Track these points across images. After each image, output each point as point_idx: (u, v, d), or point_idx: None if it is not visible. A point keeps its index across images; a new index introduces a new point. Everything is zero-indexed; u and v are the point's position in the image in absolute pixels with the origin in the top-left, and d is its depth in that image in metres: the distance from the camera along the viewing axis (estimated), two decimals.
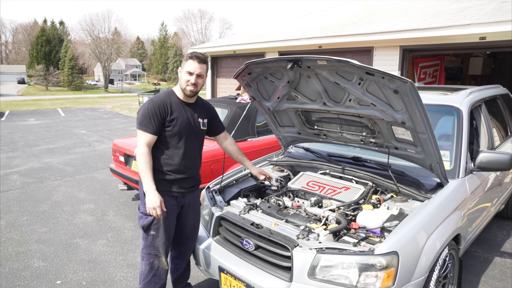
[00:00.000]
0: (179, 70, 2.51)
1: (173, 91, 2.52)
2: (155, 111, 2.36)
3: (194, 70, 2.39)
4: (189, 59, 2.41)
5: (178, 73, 2.51)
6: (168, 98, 2.44)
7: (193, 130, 2.51)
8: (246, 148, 4.84)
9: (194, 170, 2.59)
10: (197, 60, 2.40)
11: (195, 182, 2.65)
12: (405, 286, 2.01)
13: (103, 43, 55.30)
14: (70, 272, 3.35)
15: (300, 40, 8.88)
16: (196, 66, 2.40)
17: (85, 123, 14.24)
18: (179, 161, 2.45)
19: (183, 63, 2.46)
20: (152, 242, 2.49)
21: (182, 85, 2.44)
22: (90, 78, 69.40)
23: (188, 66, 2.40)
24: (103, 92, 48.32)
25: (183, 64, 2.45)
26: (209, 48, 12.41)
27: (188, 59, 2.41)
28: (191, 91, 2.43)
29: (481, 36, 6.23)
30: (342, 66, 2.22)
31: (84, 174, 6.65)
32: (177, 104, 2.46)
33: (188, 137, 2.48)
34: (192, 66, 2.40)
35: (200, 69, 2.41)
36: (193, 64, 2.40)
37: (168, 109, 2.39)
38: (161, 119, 2.37)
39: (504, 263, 3.53)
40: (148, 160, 2.32)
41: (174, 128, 2.40)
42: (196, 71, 2.40)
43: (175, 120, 2.40)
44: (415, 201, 2.49)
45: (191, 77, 2.40)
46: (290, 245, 2.11)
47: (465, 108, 3.13)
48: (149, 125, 2.34)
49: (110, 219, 4.56)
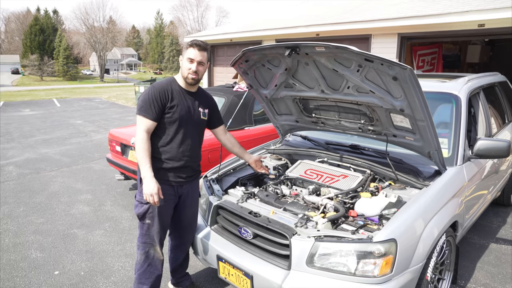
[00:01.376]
0: (180, 58, 2.49)
1: (175, 79, 2.50)
2: (155, 96, 2.34)
3: (195, 57, 2.37)
4: (190, 46, 2.39)
5: (179, 61, 2.49)
6: (169, 85, 2.43)
7: (193, 118, 2.48)
8: (243, 137, 4.82)
9: (192, 159, 2.54)
10: (197, 48, 2.37)
11: (194, 172, 2.61)
12: (403, 273, 2.02)
13: (98, 32, 54.61)
14: (68, 262, 3.35)
15: (297, 28, 8.80)
16: (196, 53, 2.37)
17: (81, 113, 14.13)
18: (177, 148, 2.43)
19: (184, 51, 2.45)
20: (148, 231, 2.47)
21: (183, 73, 2.42)
22: (85, 68, 68.71)
23: (189, 54, 2.38)
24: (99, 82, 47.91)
25: (184, 52, 2.43)
26: (205, 37, 12.28)
27: (189, 47, 2.39)
28: (192, 79, 2.41)
29: (480, 23, 6.19)
30: (341, 52, 2.19)
31: (80, 165, 6.62)
32: (178, 91, 2.44)
33: (187, 125, 2.45)
34: (193, 53, 2.37)
35: (201, 57, 2.38)
36: (194, 52, 2.37)
37: (168, 95, 2.38)
38: (162, 105, 2.35)
39: (499, 250, 3.55)
40: (146, 147, 2.30)
41: (174, 115, 2.38)
42: (197, 58, 2.37)
43: (175, 107, 2.38)
44: (413, 189, 2.49)
45: (192, 64, 2.38)
46: (288, 233, 2.11)
47: (464, 96, 3.12)
48: (149, 111, 2.32)
49: (107, 209, 4.55)
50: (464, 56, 10.95)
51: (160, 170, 2.40)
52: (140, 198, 2.41)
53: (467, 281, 3.03)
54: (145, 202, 2.38)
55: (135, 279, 2.56)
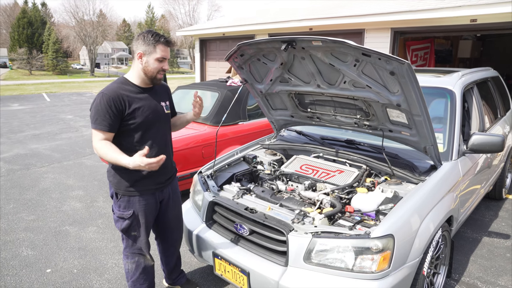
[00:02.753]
0: (139, 54, 2.14)
1: (126, 79, 2.22)
2: (109, 105, 2.06)
3: (166, 56, 2.17)
4: (159, 44, 2.13)
5: (137, 58, 2.15)
6: (122, 89, 2.14)
7: (158, 117, 2.27)
8: (237, 132, 4.80)
9: (168, 159, 2.36)
10: (169, 45, 2.18)
11: (171, 173, 2.48)
12: (400, 268, 2.02)
13: (88, 26, 53.75)
14: (60, 260, 3.30)
15: (291, 22, 8.75)
16: (167, 51, 2.18)
17: (72, 108, 13.94)
18: (151, 153, 2.21)
19: (148, 48, 2.12)
20: (134, 242, 2.38)
21: (150, 73, 2.17)
22: (75, 62, 67.72)
23: (160, 52, 2.13)
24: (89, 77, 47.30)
25: (150, 49, 2.12)
26: (198, 31, 12.16)
27: (158, 44, 2.12)
28: (160, 79, 2.22)
29: (472, 19, 6.21)
30: (338, 47, 2.16)
31: (72, 160, 6.53)
32: (134, 93, 2.18)
33: (154, 126, 2.25)
34: (164, 52, 2.15)
35: (169, 53, 2.22)
36: (165, 50, 2.16)
37: (124, 101, 2.11)
38: (118, 113, 2.09)
39: (491, 243, 3.59)
40: (109, 145, 2.07)
41: (137, 120, 2.15)
42: (168, 56, 2.19)
43: (135, 112, 2.14)
44: (409, 184, 2.49)
45: (163, 63, 2.17)
46: (285, 229, 2.09)
47: (458, 90, 3.12)
48: (104, 123, 2.06)
49: (100, 206, 4.49)
50: (455, 51, 11.03)
51: (138, 181, 2.24)
52: (121, 214, 2.29)
53: (461, 275, 3.06)
54: (127, 216, 2.28)
55: (129, 286, 2.50)
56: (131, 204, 2.28)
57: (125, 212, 2.28)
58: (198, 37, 12.37)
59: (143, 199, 2.28)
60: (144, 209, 2.30)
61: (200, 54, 12.59)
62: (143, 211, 2.30)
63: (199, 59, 12.72)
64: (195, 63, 13.17)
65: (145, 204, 2.30)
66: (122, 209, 2.29)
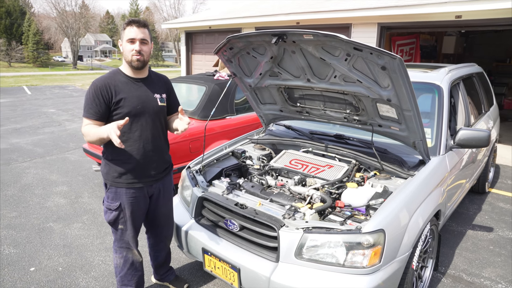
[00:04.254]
0: (119, 43, 2.23)
1: (120, 69, 2.25)
2: (96, 94, 2.11)
3: (135, 36, 2.13)
4: (127, 26, 2.15)
5: (119, 46, 2.23)
6: (112, 79, 2.18)
7: (149, 108, 2.24)
8: (225, 126, 4.75)
9: (157, 152, 2.33)
10: (136, 25, 2.13)
11: (163, 167, 2.42)
12: (391, 262, 2.03)
13: (70, 17, 52.39)
14: (44, 258, 3.21)
15: (278, 16, 8.70)
16: (136, 31, 2.13)
17: (54, 101, 13.61)
18: (137, 145, 2.21)
19: (121, 34, 2.19)
20: (122, 236, 2.36)
21: (127, 58, 2.17)
22: (57, 54, 66.10)
23: (128, 34, 2.13)
24: (72, 69, 46.28)
25: (122, 35, 2.18)
26: (183, 24, 11.99)
27: (126, 27, 2.15)
28: (138, 60, 2.15)
29: (457, 15, 6.29)
30: (329, 41, 2.14)
31: (55, 155, 6.37)
32: (125, 82, 2.19)
33: (143, 117, 2.22)
34: (133, 32, 2.13)
35: (142, 34, 2.15)
36: (133, 30, 2.13)
37: (111, 90, 2.13)
38: (105, 102, 2.12)
39: (476, 236, 3.66)
40: (92, 126, 2.09)
41: (123, 110, 2.14)
42: (138, 36, 2.13)
43: (122, 101, 2.14)
44: (399, 179, 2.50)
45: (134, 45, 2.13)
46: (277, 225, 2.08)
47: (446, 86, 3.15)
48: (91, 111, 2.11)
49: (85, 202, 4.40)
50: (440, 47, 11.19)
51: (124, 173, 2.22)
52: (108, 205, 2.29)
53: (447, 268, 3.11)
54: (113, 208, 2.27)
55: (118, 282, 2.47)
56: (118, 195, 2.27)
57: (112, 203, 2.28)
58: (184, 30, 12.20)
59: (130, 192, 2.26)
60: (131, 202, 2.27)
61: (186, 47, 12.43)
62: (129, 204, 2.27)
63: (185, 53, 12.56)
64: (181, 57, 13.00)
65: (132, 197, 2.27)
66: (110, 200, 2.29)
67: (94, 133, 2.06)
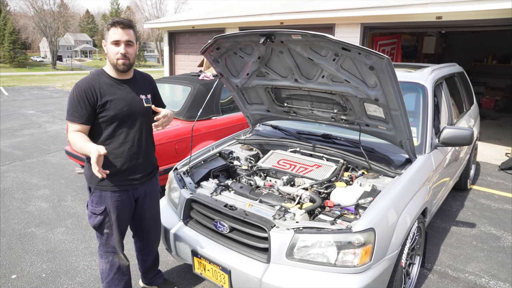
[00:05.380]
0: (103, 44, 2.15)
1: (104, 70, 2.18)
2: (81, 96, 2.03)
3: (120, 38, 2.04)
4: (111, 27, 2.05)
5: (103, 47, 2.14)
6: (96, 80, 2.10)
7: (134, 110, 2.18)
8: (211, 126, 4.72)
9: (142, 155, 2.27)
10: (120, 26, 2.04)
11: (149, 170, 2.37)
12: (381, 261, 2.05)
13: (49, 16, 51.07)
14: (26, 264, 3.12)
15: (262, 16, 8.70)
16: (121, 33, 2.04)
17: (33, 102, 13.25)
18: (123, 148, 2.16)
19: (105, 35, 2.11)
20: (107, 240, 2.30)
21: (111, 60, 2.09)
22: (35, 54, 64.44)
23: (113, 36, 2.05)
24: (51, 70, 45.15)
25: (106, 36, 2.09)
26: (166, 23, 11.86)
27: (110, 28, 2.06)
28: (123, 64, 2.09)
29: (437, 16, 6.42)
30: (318, 41, 2.15)
31: (35, 158, 6.20)
32: (109, 84, 2.13)
33: (129, 120, 2.17)
34: (117, 34, 2.04)
35: (127, 36, 2.06)
36: (118, 32, 2.04)
37: (96, 92, 2.06)
38: (90, 105, 2.05)
39: (459, 232, 3.74)
40: (79, 135, 2.01)
41: (109, 112, 2.09)
42: (123, 38, 2.05)
43: (108, 104, 2.08)
44: (386, 177, 2.53)
45: (119, 47, 2.06)
46: (267, 226, 2.07)
47: (430, 85, 3.20)
48: (76, 114, 2.03)
49: (68, 205, 4.29)
50: (420, 47, 11.40)
51: (109, 176, 2.11)
52: (93, 209, 2.23)
53: (433, 264, 3.16)
54: (98, 212, 2.21)
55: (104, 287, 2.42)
56: (103, 199, 2.21)
57: (97, 207, 2.22)
58: (167, 30, 12.07)
59: (115, 195, 2.21)
60: (116, 206, 2.22)
61: (169, 47, 12.29)
62: (115, 208, 2.22)
63: (168, 53, 12.42)
64: (164, 57, 12.85)
65: (117, 200, 2.22)
66: (95, 204, 2.23)
67: (80, 146, 1.99)
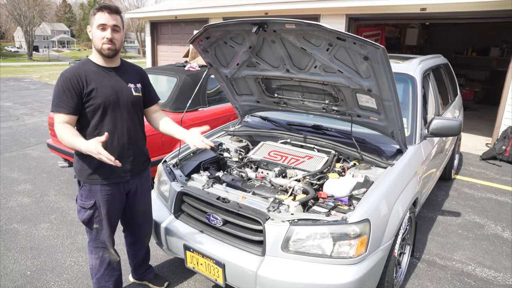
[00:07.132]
0: (88, 29, 2.09)
1: (89, 59, 2.12)
2: (66, 86, 1.96)
3: (106, 22, 1.98)
4: (98, 11, 2.00)
5: (88, 33, 2.08)
6: (82, 69, 2.04)
7: (122, 98, 2.11)
8: (197, 118, 4.64)
9: (132, 145, 2.20)
10: (107, 11, 1.99)
11: (141, 161, 2.30)
12: (376, 251, 2.05)
13: (23, 4, 49.19)
14: (9, 262, 3.01)
15: (246, 6, 8.60)
16: (107, 17, 1.99)
17: (9, 94, 12.78)
18: (111, 138, 2.09)
19: (91, 20, 2.04)
20: (97, 235, 2.23)
21: (97, 45, 2.03)
22: (9, 44, 62.19)
23: (99, 20, 1.99)
24: (27, 60, 43.62)
25: (92, 21, 2.03)
26: (148, 13, 11.60)
27: (97, 12, 2.00)
28: (109, 49, 2.02)
29: (422, 7, 6.48)
30: (312, 30, 2.11)
31: (15, 152, 5.99)
32: (95, 72, 2.06)
33: (117, 108, 2.10)
34: (103, 18, 1.98)
35: (114, 21, 2.01)
36: (104, 16, 1.98)
37: (82, 80, 2.00)
38: (77, 94, 1.97)
39: (445, 221, 3.82)
40: (67, 128, 1.94)
41: (96, 101, 2.02)
42: (110, 22, 1.99)
43: (94, 91, 2.01)
44: (378, 168, 2.53)
45: (105, 32, 1.99)
46: (262, 218, 2.04)
47: (418, 76, 3.22)
48: (62, 104, 1.96)
49: (51, 200, 4.16)
50: (403, 39, 11.53)
51: (99, 168, 2.08)
52: (82, 203, 2.16)
53: (421, 253, 3.21)
54: (88, 206, 2.14)
55: (94, 284, 2.35)
56: (92, 193, 2.14)
57: (87, 202, 2.15)
58: (149, 20, 11.81)
59: (105, 189, 2.14)
60: (106, 200, 2.15)
61: (151, 38, 12.05)
62: (105, 202, 2.15)
63: (150, 43, 12.17)
64: (146, 48, 12.58)
65: (107, 194, 2.15)
66: (84, 198, 2.15)
67: (68, 141, 1.91)
